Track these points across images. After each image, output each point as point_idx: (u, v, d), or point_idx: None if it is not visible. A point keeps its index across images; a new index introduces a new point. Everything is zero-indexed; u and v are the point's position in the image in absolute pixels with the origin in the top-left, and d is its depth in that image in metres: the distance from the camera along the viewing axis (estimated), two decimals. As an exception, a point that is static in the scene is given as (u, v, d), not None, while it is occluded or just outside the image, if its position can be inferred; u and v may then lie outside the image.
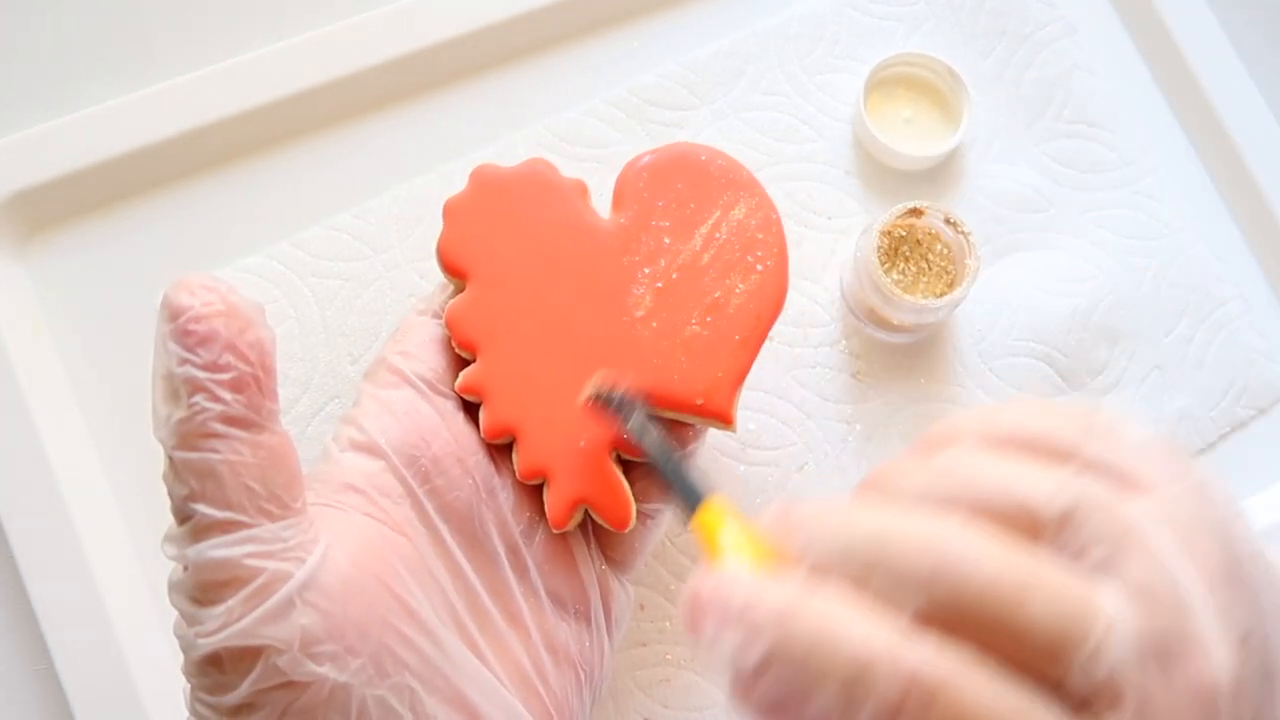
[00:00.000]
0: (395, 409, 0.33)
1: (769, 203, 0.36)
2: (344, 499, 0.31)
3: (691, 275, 0.35)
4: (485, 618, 0.32)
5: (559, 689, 0.33)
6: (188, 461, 0.26)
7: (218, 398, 0.26)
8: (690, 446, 0.36)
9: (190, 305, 0.26)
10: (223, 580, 0.26)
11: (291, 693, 0.26)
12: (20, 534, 0.40)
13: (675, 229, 0.35)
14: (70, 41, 0.47)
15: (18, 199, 0.43)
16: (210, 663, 0.26)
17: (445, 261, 0.35)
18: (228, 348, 0.26)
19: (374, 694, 0.27)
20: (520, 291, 0.34)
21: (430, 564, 0.31)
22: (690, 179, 0.36)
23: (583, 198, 0.36)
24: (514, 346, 0.34)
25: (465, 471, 0.33)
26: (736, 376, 0.34)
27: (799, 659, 0.19)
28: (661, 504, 0.36)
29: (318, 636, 0.27)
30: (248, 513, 0.26)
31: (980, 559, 0.20)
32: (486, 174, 0.35)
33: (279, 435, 0.28)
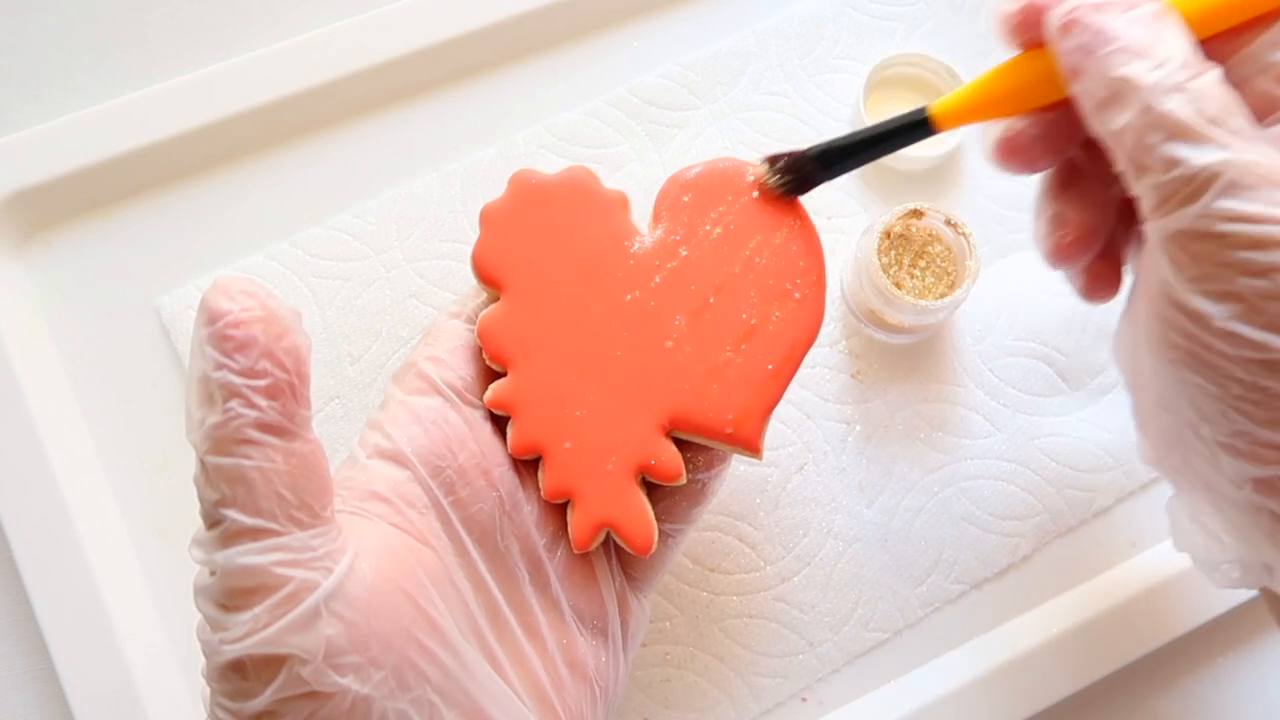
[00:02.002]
0: (423, 418, 0.33)
1: (812, 227, 0.35)
2: (370, 507, 0.31)
3: (729, 299, 0.34)
4: (505, 631, 0.32)
5: (575, 705, 0.33)
6: (220, 467, 0.26)
7: (253, 404, 0.26)
8: (717, 468, 0.35)
9: (229, 310, 0.26)
10: (250, 587, 0.26)
11: (313, 703, 0.26)
12: (20, 534, 0.40)
13: (716, 250, 0.34)
14: (70, 41, 0.47)
15: (18, 199, 0.43)
16: (233, 669, 0.26)
17: (480, 270, 0.34)
18: (265, 354, 0.26)
19: (395, 707, 0.27)
20: (556, 306, 0.34)
21: (453, 576, 0.31)
22: (734, 198, 0.35)
23: (624, 211, 0.35)
24: (546, 364, 0.33)
25: (490, 484, 0.33)
26: (767, 406, 0.34)
27: None
28: (683, 525, 0.36)
29: (342, 648, 0.26)
30: (278, 520, 0.26)
31: None
32: (526, 180, 0.34)
33: (311, 443, 0.27)
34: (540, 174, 0.35)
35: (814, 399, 0.45)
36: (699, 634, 0.42)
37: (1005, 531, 0.43)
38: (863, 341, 0.45)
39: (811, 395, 0.45)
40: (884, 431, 0.44)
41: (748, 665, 0.42)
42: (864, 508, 0.43)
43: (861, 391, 0.45)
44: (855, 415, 0.45)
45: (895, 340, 0.45)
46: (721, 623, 0.42)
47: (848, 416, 0.45)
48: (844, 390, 0.45)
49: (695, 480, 0.35)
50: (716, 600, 0.42)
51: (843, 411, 0.45)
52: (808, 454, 0.44)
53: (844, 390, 0.45)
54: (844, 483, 0.44)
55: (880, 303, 0.43)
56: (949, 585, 0.43)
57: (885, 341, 0.45)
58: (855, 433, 0.44)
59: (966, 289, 0.42)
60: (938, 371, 0.45)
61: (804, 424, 0.44)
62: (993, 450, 0.45)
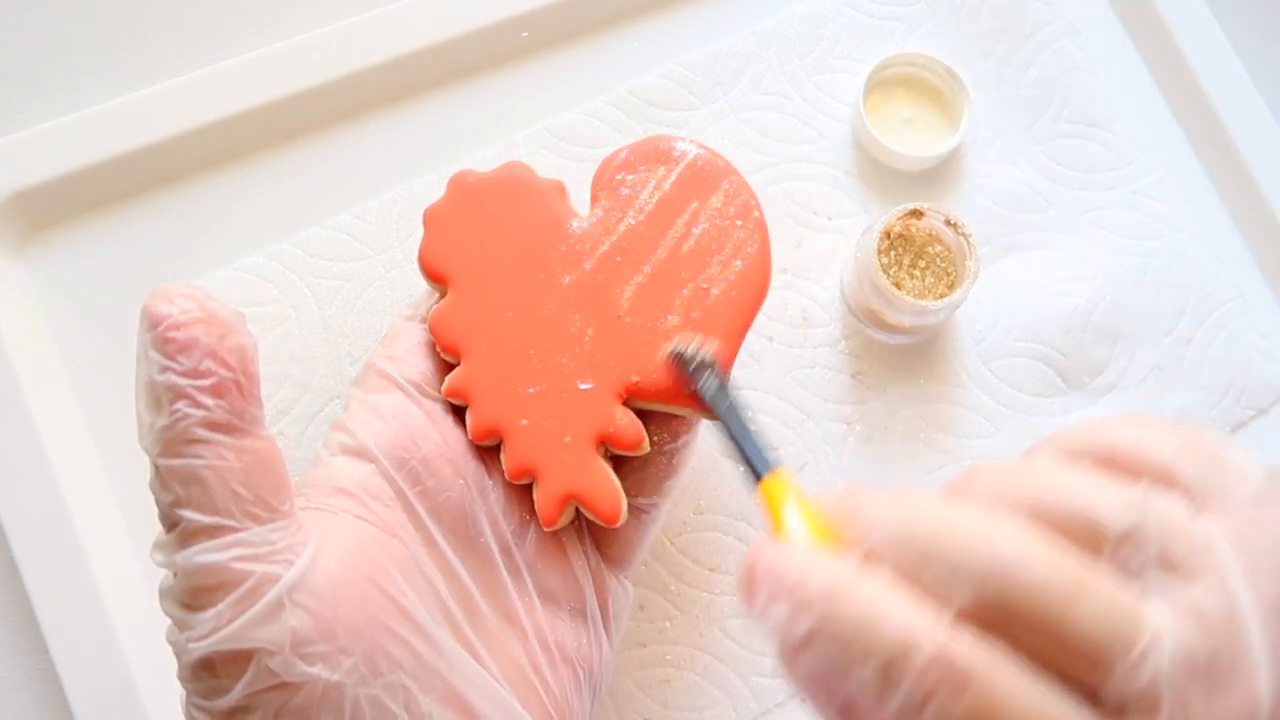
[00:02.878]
0: (384, 413, 0.33)
1: (747, 189, 0.36)
2: (334, 502, 0.31)
3: (672, 267, 0.35)
4: (480, 617, 0.32)
5: (557, 687, 0.33)
6: (172, 468, 0.26)
7: (199, 404, 0.26)
8: (684, 438, 0.36)
9: (169, 313, 0.26)
10: (211, 585, 0.26)
11: (285, 694, 0.26)
12: (20, 534, 0.40)
13: (653, 222, 0.35)
14: (70, 41, 0.47)
15: (18, 199, 0.43)
16: (203, 667, 0.26)
17: (426, 268, 0.35)
18: (208, 354, 0.26)
19: (367, 693, 0.28)
20: (501, 294, 0.35)
21: (422, 564, 0.31)
22: (666, 171, 0.36)
23: (561, 197, 0.36)
24: (496, 349, 0.34)
25: (455, 473, 0.33)
26: (722, 365, 0.34)
27: (842, 637, 0.20)
28: (656, 497, 0.36)
29: (308, 637, 0.27)
30: (234, 517, 0.27)
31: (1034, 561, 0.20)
32: (464, 180, 0.36)
33: (264, 439, 0.28)
34: (477, 173, 0.36)
35: (814, 399, 0.45)
36: (699, 634, 0.42)
37: (1005, 531, 0.43)
38: (863, 341, 0.45)
39: (811, 395, 0.45)
40: (884, 431, 0.44)
41: (748, 665, 0.42)
42: (864, 508, 0.43)
43: (861, 392, 0.45)
44: (855, 415, 0.45)
45: (895, 340, 0.45)
46: (721, 623, 0.42)
47: (848, 416, 0.45)
48: (844, 390, 0.45)
49: (663, 452, 0.35)
50: (716, 600, 0.42)
51: (843, 411, 0.45)
52: (808, 454, 0.44)
53: (844, 390, 0.45)
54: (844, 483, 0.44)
55: (880, 303, 0.43)
56: (949, 585, 0.43)
57: (885, 342, 0.45)
58: (855, 433, 0.44)
59: (966, 289, 0.42)
60: (938, 372, 0.45)
61: (804, 424, 0.44)
62: (993, 450, 0.44)
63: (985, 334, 0.46)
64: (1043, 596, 0.20)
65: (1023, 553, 0.20)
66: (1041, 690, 0.20)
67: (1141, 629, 0.20)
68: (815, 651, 0.20)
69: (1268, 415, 0.47)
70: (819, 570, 0.21)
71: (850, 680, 0.20)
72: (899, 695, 0.20)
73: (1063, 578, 0.20)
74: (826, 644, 0.20)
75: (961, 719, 0.19)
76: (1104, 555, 0.21)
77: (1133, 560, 0.21)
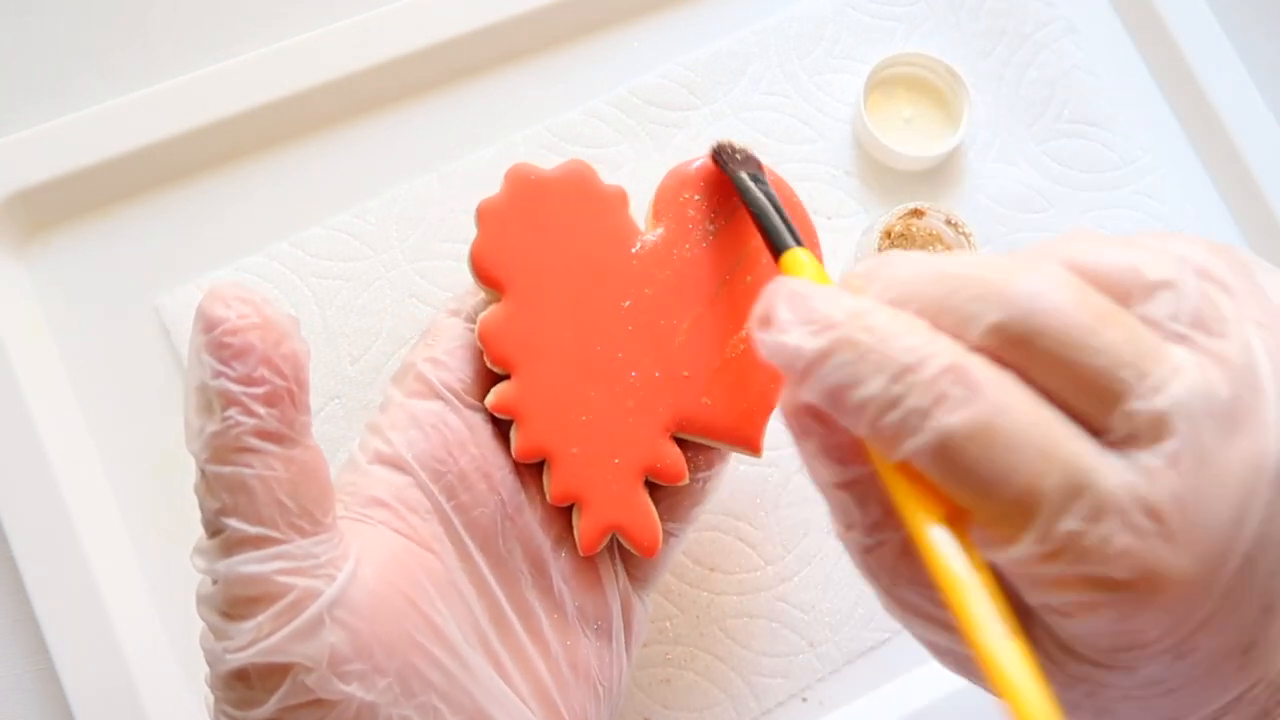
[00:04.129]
0: (422, 422, 0.32)
1: (811, 226, 0.34)
2: (372, 513, 0.31)
3: (731, 297, 0.34)
4: (509, 634, 0.32)
5: (579, 706, 0.32)
6: (220, 475, 0.26)
7: (252, 412, 0.26)
8: (716, 468, 0.35)
9: (226, 317, 0.26)
10: (253, 596, 0.26)
11: (318, 710, 0.26)
12: (20, 534, 0.40)
13: (717, 246, 0.34)
14: (70, 41, 0.47)
15: (18, 199, 0.43)
16: (238, 678, 0.26)
17: (479, 270, 0.33)
18: (263, 361, 0.26)
19: (400, 713, 0.27)
20: (558, 308, 0.33)
21: (456, 580, 0.31)
22: (734, 191, 0.34)
23: (623, 207, 0.34)
24: (550, 368, 0.33)
25: (491, 487, 0.32)
26: (769, 405, 0.33)
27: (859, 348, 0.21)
28: (684, 524, 0.35)
29: (346, 655, 0.26)
30: (279, 528, 0.26)
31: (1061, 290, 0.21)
32: (525, 176, 0.33)
33: (311, 449, 0.27)
34: (538, 169, 0.34)
35: (814, 399, 0.44)
36: (699, 634, 0.42)
37: (1005, 531, 0.43)
38: (863, 341, 0.45)
39: (812, 395, 0.44)
40: (884, 431, 0.44)
41: (748, 665, 0.42)
42: (864, 507, 0.43)
43: (862, 391, 0.45)
44: (855, 415, 0.44)
45: (895, 340, 0.45)
46: (722, 623, 0.42)
47: (848, 416, 0.44)
48: (844, 390, 0.45)
49: (695, 479, 0.35)
50: (717, 600, 0.42)
51: (843, 411, 0.44)
52: (808, 454, 0.44)
53: (844, 390, 0.45)
54: (844, 482, 0.44)
55: (880, 302, 0.43)
56: (949, 585, 0.43)
57: (885, 341, 0.45)
58: (855, 432, 0.44)
59: (966, 289, 0.42)
60: (938, 371, 0.45)
61: (804, 424, 0.44)
62: (993, 450, 0.44)
63: (985, 334, 0.46)
64: (1066, 322, 0.20)
65: (1051, 283, 0.21)
66: (1047, 414, 0.20)
67: (1161, 359, 0.20)
68: (830, 366, 0.21)
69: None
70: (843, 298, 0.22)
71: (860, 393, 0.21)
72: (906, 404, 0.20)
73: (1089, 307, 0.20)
74: (844, 355, 0.21)
75: (961, 429, 0.20)
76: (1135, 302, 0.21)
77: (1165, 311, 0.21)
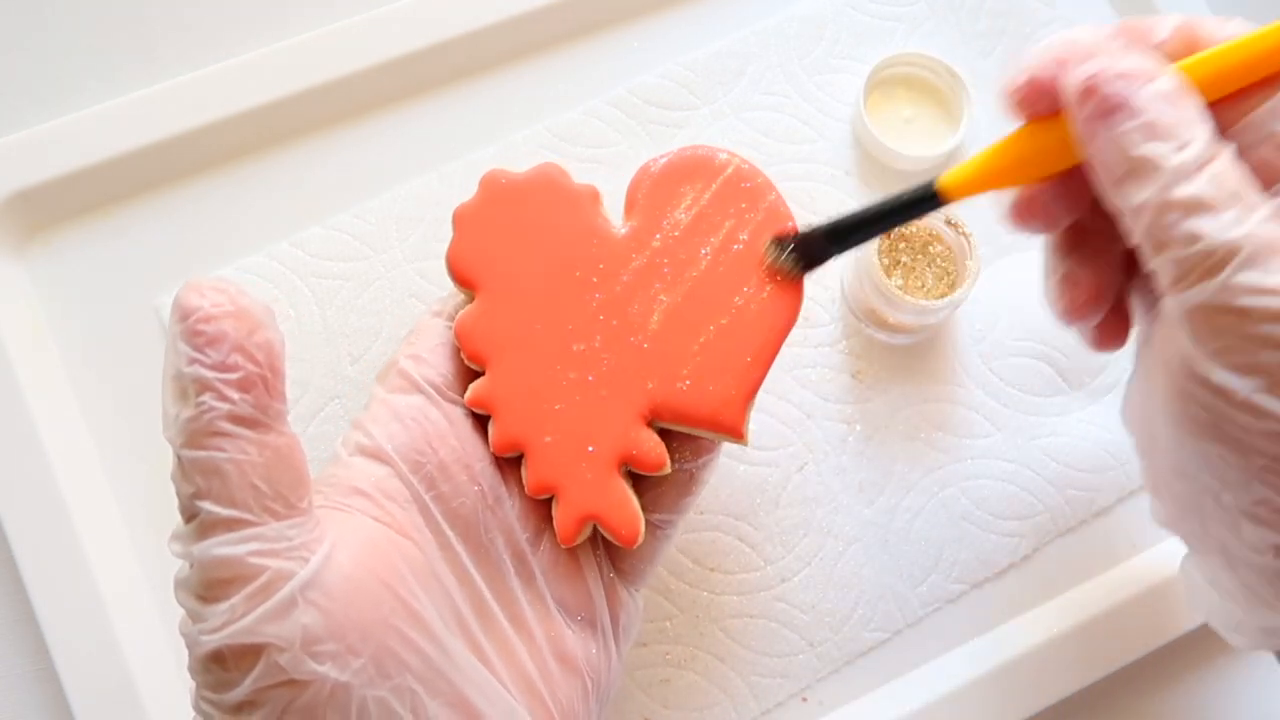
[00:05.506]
0: (403, 415, 0.33)
1: (785, 209, 0.35)
2: (351, 502, 0.31)
3: (705, 286, 0.34)
4: (491, 623, 0.32)
5: (565, 696, 0.33)
6: (195, 460, 0.26)
7: (225, 397, 0.26)
8: (705, 458, 0.35)
9: (200, 306, 0.26)
10: (227, 578, 0.26)
11: (292, 691, 0.26)
12: (20, 534, 0.40)
13: (687, 239, 0.34)
14: (70, 41, 0.47)
15: (18, 199, 0.43)
16: (213, 660, 0.26)
17: (455, 271, 0.34)
18: (236, 348, 0.26)
19: (375, 695, 0.28)
20: (531, 304, 0.34)
21: (436, 568, 0.31)
22: (704, 184, 0.35)
23: (595, 205, 0.35)
24: (524, 361, 0.33)
25: (471, 478, 0.33)
26: (749, 391, 0.34)
27: None
28: (673, 516, 0.35)
29: (319, 635, 0.27)
30: (253, 511, 0.27)
31: None
32: (497, 180, 0.35)
33: (286, 436, 0.28)
34: (510, 173, 0.35)
35: (814, 399, 0.45)
36: (699, 634, 0.42)
37: (1005, 531, 0.43)
38: (863, 341, 0.45)
39: (812, 395, 0.45)
40: (884, 431, 0.44)
41: (748, 665, 0.42)
42: (864, 508, 0.43)
43: (862, 391, 0.45)
44: (855, 415, 0.45)
45: (895, 340, 0.45)
46: (721, 623, 0.42)
47: (848, 416, 0.45)
48: (844, 390, 0.45)
49: (683, 470, 0.35)
50: (716, 600, 0.42)
51: (843, 411, 0.45)
52: (808, 454, 0.44)
53: (844, 390, 0.45)
54: (844, 483, 0.44)
55: (880, 303, 0.43)
56: (949, 585, 0.43)
57: (885, 341, 0.45)
58: (855, 433, 0.44)
59: (967, 289, 0.42)
60: (938, 371, 0.45)
61: (804, 424, 0.44)
62: (993, 450, 0.45)
63: (985, 334, 0.46)
64: None
65: None
66: None
67: None
68: None
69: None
70: None
71: None
72: None
73: None
74: None
75: None
76: None
77: None
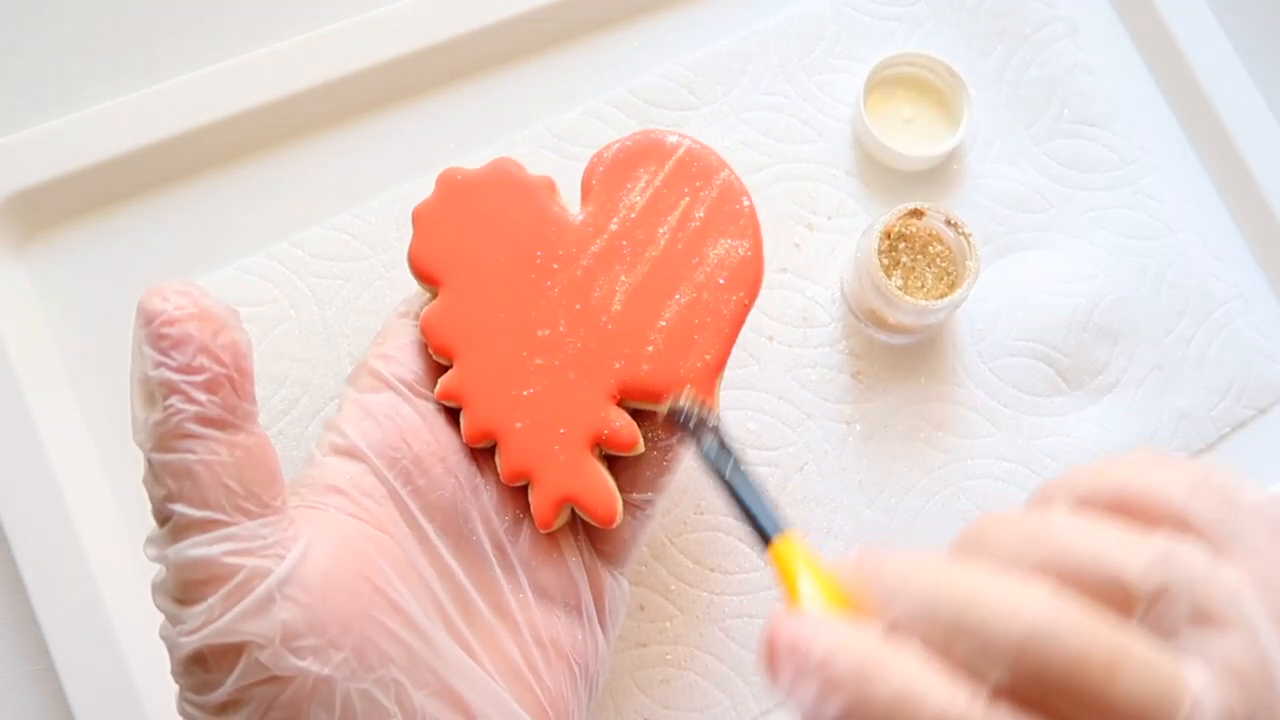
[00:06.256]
0: (375, 413, 0.33)
1: (739, 185, 0.35)
2: (327, 500, 0.31)
3: (664, 266, 0.35)
4: (473, 613, 0.32)
5: (552, 682, 0.33)
6: (165, 463, 0.26)
7: (192, 399, 0.26)
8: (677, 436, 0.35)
9: (163, 309, 0.26)
10: (202, 579, 0.26)
11: (275, 688, 0.27)
12: (20, 534, 0.40)
13: (644, 220, 0.35)
14: (70, 41, 0.47)
15: (18, 199, 0.43)
16: (194, 661, 0.26)
17: (416, 269, 0.35)
18: (201, 350, 0.26)
19: (358, 687, 0.28)
20: (492, 295, 0.34)
21: (415, 561, 0.31)
22: (657, 167, 0.35)
23: (551, 194, 0.35)
24: (489, 350, 0.34)
25: (448, 471, 0.33)
26: (715, 364, 0.34)
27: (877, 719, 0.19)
28: (651, 493, 0.36)
29: (298, 631, 0.27)
30: (225, 511, 0.27)
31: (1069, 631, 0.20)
32: (452, 178, 0.35)
33: (256, 435, 0.28)
34: (466, 170, 0.35)
35: (814, 399, 0.45)
36: (699, 634, 0.42)
37: (1005, 531, 0.43)
38: (863, 341, 0.45)
39: (811, 395, 0.45)
40: (884, 431, 0.44)
41: (748, 665, 0.42)
42: (864, 508, 0.43)
43: (862, 391, 0.45)
44: (855, 415, 0.45)
45: (895, 340, 0.45)
46: (722, 622, 0.42)
47: (848, 416, 0.45)
48: (844, 390, 0.45)
49: (658, 448, 0.35)
50: (716, 600, 0.42)
51: (843, 411, 0.45)
52: (808, 454, 0.44)
53: (844, 390, 0.45)
54: (844, 483, 0.44)
55: (880, 303, 0.43)
56: (949, 585, 0.43)
57: (885, 341, 0.45)
58: (855, 433, 0.44)
59: (966, 289, 0.42)
60: (938, 371, 0.45)
61: (804, 424, 0.44)
62: (993, 450, 0.44)
63: (985, 334, 0.46)
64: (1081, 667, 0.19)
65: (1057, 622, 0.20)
66: None
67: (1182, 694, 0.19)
68: None
69: (1268, 415, 0.47)
70: (846, 646, 0.20)
71: None
72: None
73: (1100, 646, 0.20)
74: None
75: None
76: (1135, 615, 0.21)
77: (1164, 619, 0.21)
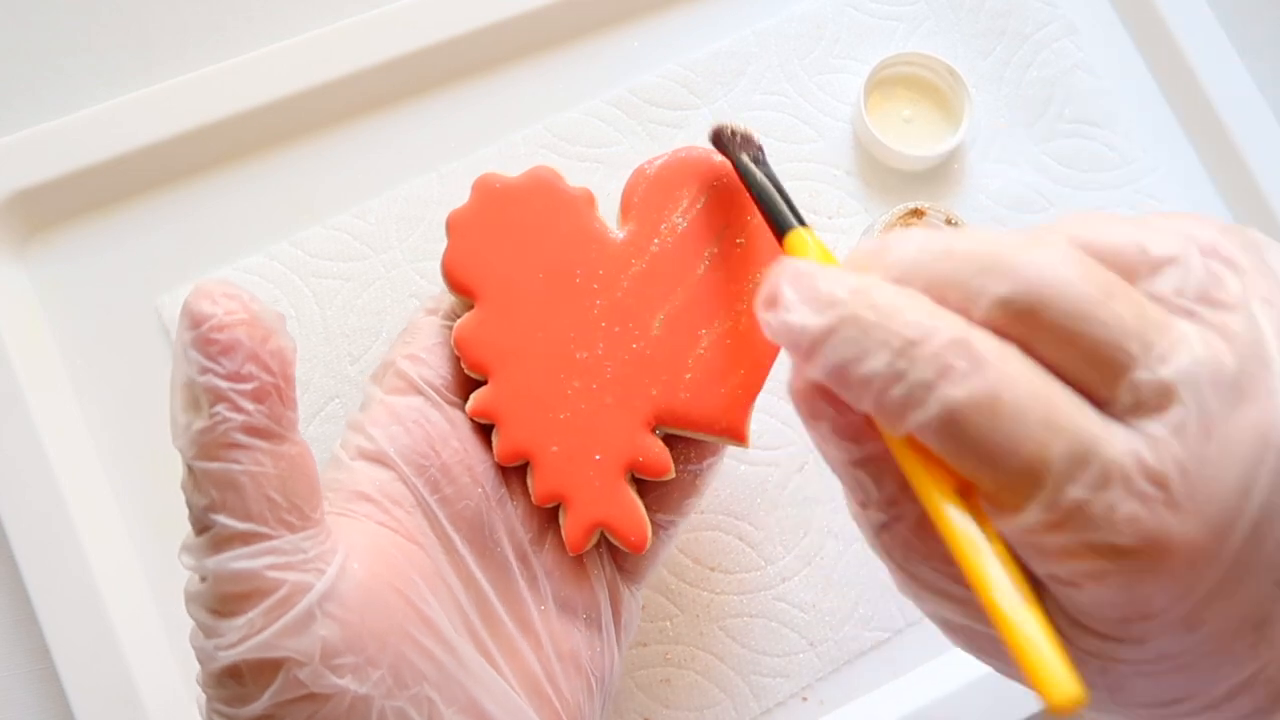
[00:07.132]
0: (403, 417, 0.33)
1: None
2: (356, 508, 0.31)
3: (705, 290, 0.34)
4: (498, 625, 0.32)
5: (570, 696, 0.33)
6: (208, 472, 0.26)
7: (240, 408, 0.26)
8: (709, 460, 0.35)
9: (213, 313, 0.26)
10: (243, 592, 0.26)
11: (312, 705, 0.26)
12: (20, 534, 0.40)
13: (685, 242, 0.34)
14: (70, 41, 0.47)
15: (18, 199, 0.43)
16: (230, 675, 0.26)
17: (451, 279, 0.34)
18: (250, 357, 0.26)
19: (393, 705, 0.27)
20: (530, 311, 0.33)
21: (443, 572, 0.31)
22: (701, 186, 0.34)
23: (590, 208, 0.35)
24: (526, 370, 0.33)
25: (474, 480, 0.33)
26: (750, 395, 0.34)
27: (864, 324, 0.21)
28: (676, 517, 0.35)
29: (338, 648, 0.26)
30: (269, 524, 0.26)
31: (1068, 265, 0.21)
32: (490, 184, 0.34)
33: (299, 445, 0.27)
34: (504, 177, 0.34)
35: (814, 399, 0.44)
36: (699, 634, 0.42)
37: (1005, 531, 0.43)
38: (863, 341, 0.45)
39: (812, 395, 0.44)
40: (884, 431, 0.44)
41: (748, 664, 0.42)
42: (864, 507, 0.43)
43: (862, 391, 0.45)
44: (855, 415, 0.44)
45: (895, 340, 0.45)
46: (722, 622, 0.42)
47: (848, 416, 0.44)
48: (844, 390, 0.45)
49: (686, 472, 0.35)
50: (717, 600, 0.42)
51: (843, 411, 0.44)
52: (809, 453, 0.44)
53: (844, 390, 0.45)
54: (844, 482, 0.44)
55: (880, 302, 0.43)
56: (949, 585, 0.43)
57: (885, 341, 0.45)
58: (855, 432, 0.44)
59: (967, 288, 0.42)
60: (938, 371, 0.45)
61: (804, 424, 0.44)
62: (993, 450, 0.44)
63: (985, 333, 0.46)
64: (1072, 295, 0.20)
65: (1057, 258, 0.21)
66: (1052, 386, 0.20)
67: (1167, 331, 0.20)
68: (835, 343, 0.21)
69: None
70: (847, 276, 0.22)
71: (864, 368, 0.21)
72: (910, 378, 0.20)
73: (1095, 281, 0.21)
74: (848, 331, 0.21)
75: (966, 402, 0.20)
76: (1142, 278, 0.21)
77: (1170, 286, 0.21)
